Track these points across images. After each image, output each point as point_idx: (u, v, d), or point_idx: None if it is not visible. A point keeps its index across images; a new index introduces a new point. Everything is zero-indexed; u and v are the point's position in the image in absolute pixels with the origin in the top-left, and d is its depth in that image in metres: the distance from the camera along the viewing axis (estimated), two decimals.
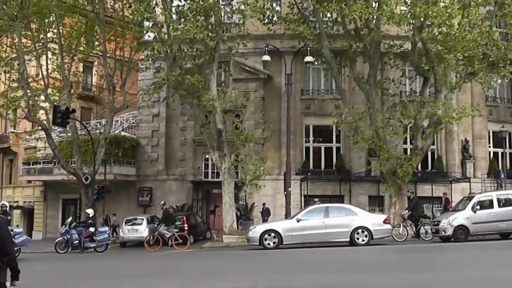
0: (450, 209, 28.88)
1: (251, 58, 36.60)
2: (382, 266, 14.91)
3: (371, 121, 31.23)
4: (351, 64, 33.05)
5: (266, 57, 31.95)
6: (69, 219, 30.44)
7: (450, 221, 23.44)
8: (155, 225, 29.93)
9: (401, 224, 25.85)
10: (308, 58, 31.40)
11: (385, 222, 23.47)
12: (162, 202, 29.51)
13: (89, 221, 28.71)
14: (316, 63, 35.30)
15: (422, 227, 25.82)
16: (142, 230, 31.56)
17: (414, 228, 25.75)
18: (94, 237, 27.75)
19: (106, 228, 30.50)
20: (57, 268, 18.58)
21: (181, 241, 26.38)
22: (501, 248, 20.34)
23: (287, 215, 28.32)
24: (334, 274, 13.26)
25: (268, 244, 22.79)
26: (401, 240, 24.36)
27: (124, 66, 36.09)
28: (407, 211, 26.62)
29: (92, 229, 28.02)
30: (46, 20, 35.30)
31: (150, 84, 33.69)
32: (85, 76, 45.86)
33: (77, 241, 27.30)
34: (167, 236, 26.62)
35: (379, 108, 31.48)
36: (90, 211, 29.37)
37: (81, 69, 42.69)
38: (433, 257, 17.78)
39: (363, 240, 22.41)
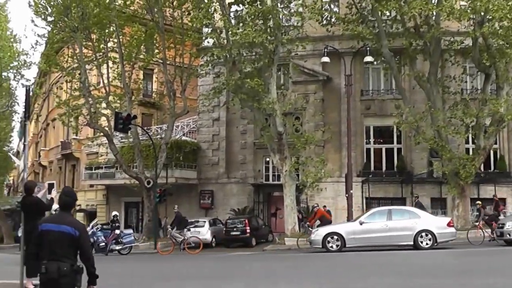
0: (502, 211, 28.16)
1: (310, 60, 36.48)
2: (448, 270, 14.76)
3: (433, 120, 30.72)
4: (411, 62, 32.60)
5: (325, 59, 31.94)
6: (95, 221, 30.86)
7: None
8: (219, 226, 30.29)
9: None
10: (368, 58, 31.19)
11: (449, 225, 23.09)
12: (176, 206, 30.54)
13: (115, 224, 28.95)
14: (375, 62, 34.77)
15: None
16: (204, 232, 32.00)
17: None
18: (120, 239, 28.05)
19: (131, 231, 30.94)
20: (111, 269, 18.73)
21: (193, 245, 26.78)
22: None
23: (349, 218, 28.26)
24: (399, 278, 13.20)
25: (331, 247, 22.79)
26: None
27: (184, 72, 36.52)
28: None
29: (117, 231, 28.41)
30: (107, 30, 36.10)
31: (210, 89, 34.02)
32: (145, 83, 46.78)
33: (103, 243, 27.42)
34: (179, 239, 27.14)
35: (440, 107, 30.96)
36: (115, 213, 29.77)
37: (141, 76, 43.62)
38: (498, 261, 17.57)
39: (427, 244, 22.06)
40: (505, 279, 12.22)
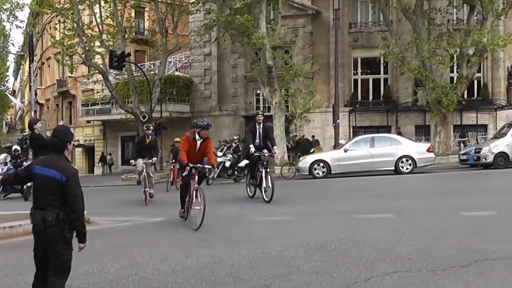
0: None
1: None
2: (424, 193, 15.72)
3: (418, 51, 31.75)
4: None
5: None
6: (2, 156, 26.63)
7: (491, 148, 24.11)
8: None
9: None
10: None
11: (428, 150, 24.34)
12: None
13: (18, 160, 23.49)
14: None
15: None
16: None
17: None
18: None
19: None
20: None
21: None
22: None
23: (336, 146, 29.43)
24: (379, 201, 14.22)
25: (317, 173, 24.00)
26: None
27: (175, 9, 37.06)
28: None
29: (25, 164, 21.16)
30: None
31: (201, 26, 34.77)
32: (137, 21, 47.27)
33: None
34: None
35: (425, 38, 31.88)
36: (15, 148, 24.71)
37: (133, 14, 44.06)
38: (470, 183, 18.59)
39: (407, 169, 23.36)
40: (469, 199, 13.39)
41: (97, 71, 37.99)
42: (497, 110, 37.16)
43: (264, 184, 14.49)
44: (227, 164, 25.52)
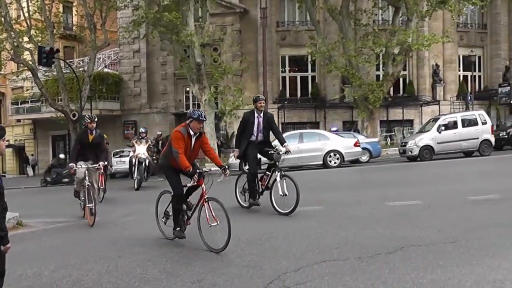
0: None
1: None
2: (351, 185, 16.20)
3: (344, 50, 32.58)
4: None
5: None
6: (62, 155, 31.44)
7: (417, 142, 25.24)
8: None
9: None
10: None
11: (355, 145, 25.14)
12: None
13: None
14: None
15: None
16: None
17: None
18: None
19: None
20: None
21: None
22: (461, 165, 21.54)
23: None
24: (308, 194, 14.00)
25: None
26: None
27: (103, 5, 36.33)
28: None
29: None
30: None
31: (130, 22, 34.44)
32: (65, 16, 46.24)
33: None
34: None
35: (351, 37, 32.77)
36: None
37: (61, 9, 43.10)
38: (397, 175, 19.26)
39: (335, 163, 24.13)
40: (395, 190, 13.84)
41: (26, 67, 37.03)
42: (423, 106, 38.66)
43: (280, 191, 10.72)
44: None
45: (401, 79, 39.16)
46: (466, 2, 33.09)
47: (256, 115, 11.48)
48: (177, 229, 8.76)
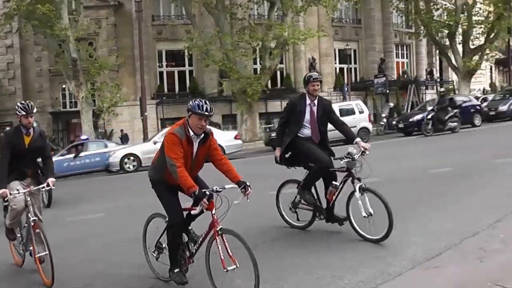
0: None
1: None
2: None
3: (221, 44, 32.74)
4: None
5: None
6: None
7: None
8: None
9: None
10: None
11: (236, 138, 25.57)
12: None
13: None
14: None
15: None
16: None
17: None
18: None
19: None
20: None
21: None
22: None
23: (145, 139, 29.43)
24: None
25: (128, 167, 23.98)
26: None
27: None
28: None
29: None
30: None
31: (1, 14, 32.64)
32: None
33: None
34: None
35: (228, 31, 33.00)
36: None
37: None
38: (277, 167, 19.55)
39: None
40: (266, 182, 14.11)
41: None
42: None
43: (363, 211, 7.10)
44: None
45: (278, 72, 40.14)
46: None
47: (308, 101, 7.95)
48: (175, 270, 6.03)
